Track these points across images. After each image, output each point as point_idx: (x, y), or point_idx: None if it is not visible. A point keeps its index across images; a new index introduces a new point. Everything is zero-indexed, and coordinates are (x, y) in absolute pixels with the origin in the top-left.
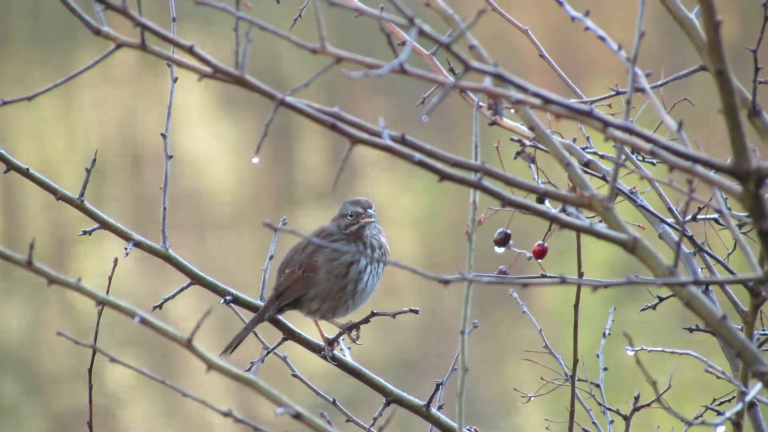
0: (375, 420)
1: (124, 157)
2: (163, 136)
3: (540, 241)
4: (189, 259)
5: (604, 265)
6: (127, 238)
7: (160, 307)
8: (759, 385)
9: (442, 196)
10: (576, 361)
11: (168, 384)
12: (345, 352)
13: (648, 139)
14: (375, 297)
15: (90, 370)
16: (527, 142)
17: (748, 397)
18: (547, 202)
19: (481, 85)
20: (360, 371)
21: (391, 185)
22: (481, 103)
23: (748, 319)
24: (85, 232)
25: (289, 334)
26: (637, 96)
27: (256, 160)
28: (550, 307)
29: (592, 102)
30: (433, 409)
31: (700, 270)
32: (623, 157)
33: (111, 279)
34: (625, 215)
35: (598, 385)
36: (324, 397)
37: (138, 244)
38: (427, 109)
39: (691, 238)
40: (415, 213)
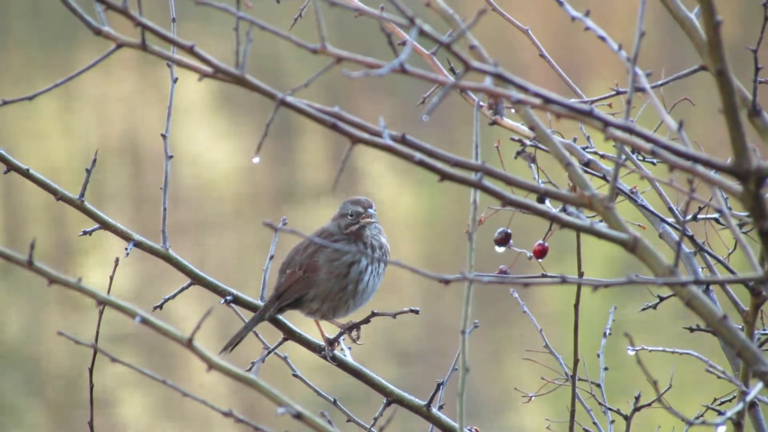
0: (376, 420)
1: (125, 157)
2: (164, 136)
3: (540, 241)
4: (189, 259)
5: (605, 265)
6: (127, 238)
7: (161, 307)
8: (760, 385)
9: (443, 195)
10: (576, 360)
11: (169, 384)
12: (345, 352)
13: (648, 139)
14: (376, 297)
15: (91, 370)
16: (528, 142)
17: (749, 397)
18: (547, 202)
19: (482, 84)
20: (360, 371)
21: (391, 185)
22: (481, 103)
23: (748, 319)
24: (85, 233)
25: (290, 334)
26: (638, 96)
27: (256, 160)
28: (550, 307)
29: (593, 102)
30: (434, 409)
31: (700, 269)
32: (624, 156)
33: (112, 279)
34: (626, 215)
35: (598, 385)
36: (325, 397)
37: (138, 245)
38: (427, 109)
39: (691, 238)
40: (415, 213)
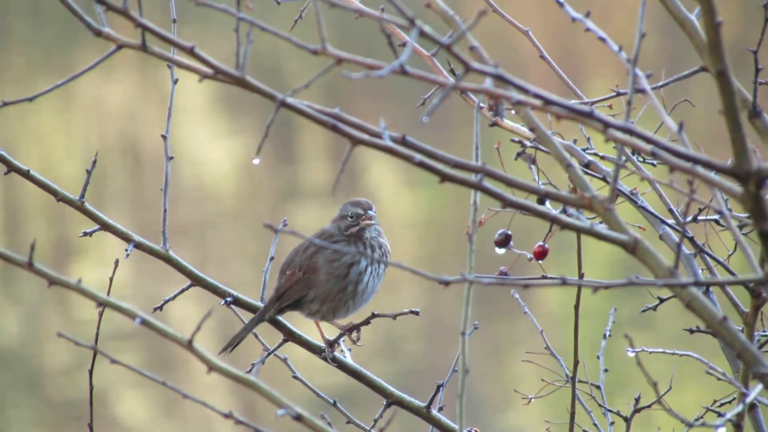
0: (376, 421)
1: (125, 157)
2: (164, 137)
3: (541, 242)
4: (189, 260)
5: (605, 267)
6: (127, 239)
7: (161, 308)
8: (759, 387)
9: (443, 197)
10: (576, 362)
11: (169, 385)
12: (345, 353)
13: (648, 140)
14: (376, 298)
15: (91, 372)
16: (528, 143)
17: (749, 399)
18: (547, 203)
19: (482, 86)
20: (360, 372)
21: (391, 186)
22: (481, 104)
23: (748, 321)
24: (85, 234)
25: (290, 336)
26: (638, 97)
27: (256, 161)
28: (550, 308)
29: (593, 103)
30: (434, 411)
31: (700, 271)
32: (624, 158)
33: (112, 280)
34: (626, 216)
35: (598, 386)
36: (324, 399)
37: (138, 246)
38: (427, 110)
39: (691, 239)
40: (415, 214)
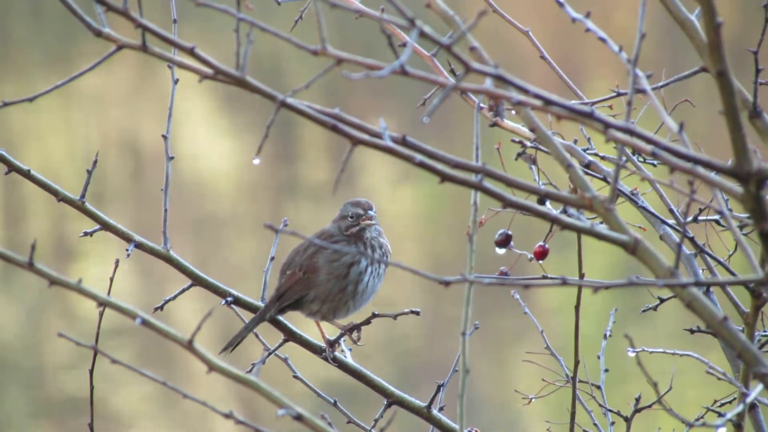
0: (376, 421)
1: (125, 157)
2: (164, 137)
3: (541, 243)
4: (190, 260)
5: (606, 267)
6: (128, 239)
7: (161, 308)
8: (760, 387)
9: (443, 197)
10: (577, 362)
11: (169, 385)
12: (346, 353)
13: (649, 141)
14: (376, 298)
15: (91, 372)
16: (528, 144)
17: (749, 399)
18: (548, 204)
19: (482, 86)
20: (361, 372)
21: (392, 186)
22: (482, 105)
23: (749, 321)
24: (86, 234)
25: (290, 336)
26: (638, 97)
27: (256, 162)
28: (551, 309)
29: (593, 103)
30: (434, 411)
31: (701, 271)
32: (624, 158)
33: (112, 280)
34: (626, 216)
35: (599, 387)
36: (325, 399)
37: (139, 246)
38: (428, 111)
39: (692, 240)
40: (416, 214)
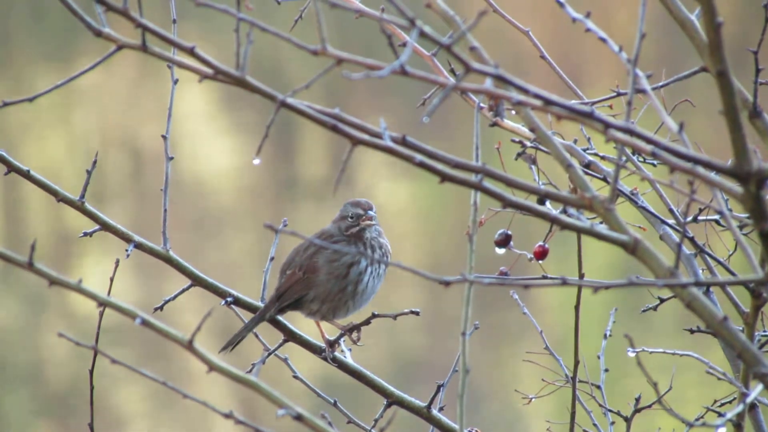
0: (376, 421)
1: (125, 156)
2: (164, 137)
3: (541, 242)
4: (190, 260)
5: (605, 267)
6: (127, 239)
7: (161, 308)
8: (760, 387)
9: (443, 197)
10: (577, 362)
11: (169, 385)
12: (346, 353)
13: (649, 141)
14: (376, 298)
15: (91, 372)
16: (528, 144)
17: (749, 399)
18: (547, 204)
19: (482, 86)
20: (361, 372)
21: (392, 186)
22: (482, 105)
23: (749, 321)
24: (85, 234)
25: (290, 336)
26: (638, 97)
27: (257, 162)
28: (551, 309)
29: (593, 103)
30: (434, 411)
31: (701, 271)
32: (624, 158)
33: (112, 280)
34: (626, 216)
35: (599, 387)
36: (325, 399)
37: (139, 246)
38: (427, 111)
39: (692, 240)
40: (416, 214)
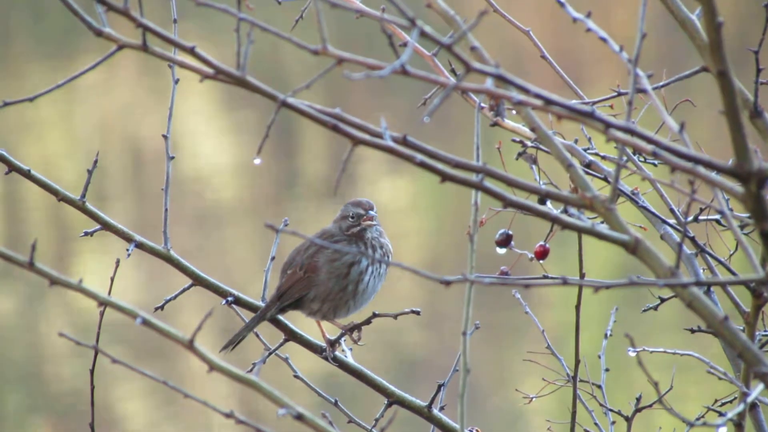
0: (377, 421)
1: (126, 156)
2: (165, 137)
3: (542, 242)
4: (191, 260)
5: (606, 266)
6: (128, 239)
7: (162, 308)
8: (761, 386)
9: (444, 197)
10: (578, 361)
11: (170, 385)
12: (346, 353)
13: (650, 140)
14: (377, 298)
15: (92, 371)
16: (529, 143)
17: (750, 398)
18: (548, 203)
19: (483, 86)
20: (361, 372)
21: (392, 186)
22: (482, 105)
23: (749, 320)
24: (86, 233)
25: (291, 335)
26: (639, 97)
27: (257, 162)
28: (552, 308)
29: (594, 103)
30: (435, 410)
31: (701, 271)
32: (625, 158)
33: (113, 280)
34: (627, 216)
35: (600, 386)
36: (326, 398)
37: (140, 246)
38: (428, 110)
39: (692, 239)
40: (416, 214)
